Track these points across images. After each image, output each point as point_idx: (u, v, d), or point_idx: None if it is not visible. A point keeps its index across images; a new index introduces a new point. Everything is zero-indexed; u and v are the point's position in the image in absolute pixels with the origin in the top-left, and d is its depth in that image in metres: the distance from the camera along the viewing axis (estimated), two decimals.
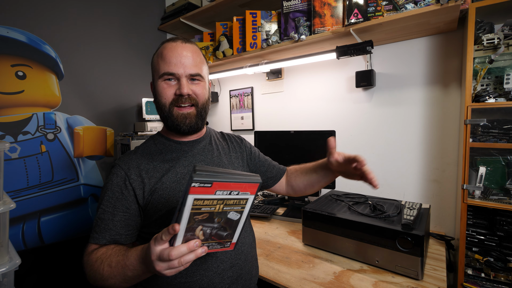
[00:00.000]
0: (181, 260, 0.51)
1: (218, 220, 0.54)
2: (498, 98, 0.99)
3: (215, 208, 0.52)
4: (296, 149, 1.55)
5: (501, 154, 1.01)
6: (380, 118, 1.45)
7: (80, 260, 0.73)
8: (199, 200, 0.49)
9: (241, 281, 0.80)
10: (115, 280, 0.63)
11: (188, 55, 0.75)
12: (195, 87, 0.77)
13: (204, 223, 0.53)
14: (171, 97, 0.75)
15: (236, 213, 0.55)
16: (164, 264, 0.51)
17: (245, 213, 0.56)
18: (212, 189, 0.49)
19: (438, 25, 1.18)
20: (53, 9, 1.52)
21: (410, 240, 0.90)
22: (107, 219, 0.71)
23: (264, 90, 1.92)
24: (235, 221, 0.56)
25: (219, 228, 0.55)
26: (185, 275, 0.72)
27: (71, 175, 1.59)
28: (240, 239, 0.79)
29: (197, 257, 0.53)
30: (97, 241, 0.70)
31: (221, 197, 0.51)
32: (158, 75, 0.75)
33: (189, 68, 0.74)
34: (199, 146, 0.85)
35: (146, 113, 1.82)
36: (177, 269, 0.52)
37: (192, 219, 0.51)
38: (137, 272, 0.60)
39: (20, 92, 1.41)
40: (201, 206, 0.50)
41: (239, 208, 0.55)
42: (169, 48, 0.75)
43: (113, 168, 0.77)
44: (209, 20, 1.88)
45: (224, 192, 0.50)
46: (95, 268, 0.65)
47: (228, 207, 0.53)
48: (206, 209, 0.51)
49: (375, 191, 1.49)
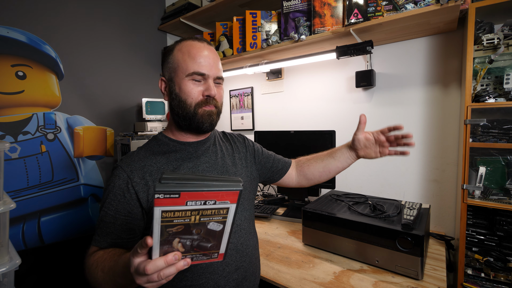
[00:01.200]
0: (160, 274, 0.47)
1: (197, 232, 0.49)
2: (498, 98, 0.99)
3: (189, 219, 0.47)
4: (296, 149, 1.55)
5: (501, 154, 1.02)
6: (380, 118, 1.45)
7: (80, 260, 0.73)
8: (168, 212, 0.44)
9: (246, 283, 0.80)
10: (107, 285, 0.62)
11: (215, 57, 0.77)
12: (218, 90, 0.78)
13: (181, 235, 0.48)
14: (198, 98, 0.75)
15: (218, 224, 0.50)
16: (143, 278, 0.48)
17: (228, 222, 0.50)
18: (182, 200, 0.44)
19: (438, 25, 1.18)
20: (53, 9, 1.52)
21: (410, 240, 0.90)
22: (109, 222, 0.70)
23: (264, 90, 1.92)
24: (217, 232, 0.50)
25: (200, 239, 0.50)
26: (190, 278, 0.71)
27: (71, 175, 1.59)
28: (240, 243, 0.79)
29: (179, 270, 0.49)
30: (98, 244, 0.70)
31: (195, 207, 0.45)
32: (185, 73, 0.74)
33: (216, 70, 0.76)
34: (203, 148, 0.84)
35: (146, 113, 1.82)
36: (158, 282, 0.49)
37: (165, 231, 0.46)
38: (126, 280, 0.57)
39: (20, 92, 1.41)
40: (172, 218, 0.45)
41: (220, 218, 0.49)
42: (197, 47, 0.75)
43: (115, 169, 0.75)
44: (209, 20, 1.88)
45: (197, 202, 0.45)
46: (91, 271, 0.65)
47: (205, 217, 0.48)
48: (179, 221, 0.46)
49: (375, 191, 1.49)
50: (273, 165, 0.99)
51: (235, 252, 0.77)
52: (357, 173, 1.54)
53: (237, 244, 0.78)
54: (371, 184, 1.50)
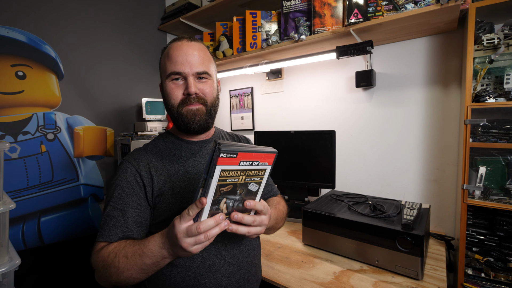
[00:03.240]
0: (208, 234, 0.51)
1: (240, 192, 0.56)
2: (498, 98, 0.99)
3: (238, 179, 0.53)
4: (296, 149, 1.55)
5: (501, 154, 1.01)
6: (380, 118, 1.45)
7: (80, 260, 0.73)
8: (225, 171, 0.50)
9: (248, 284, 0.80)
10: (131, 271, 0.61)
11: (195, 53, 0.74)
12: (202, 86, 0.76)
13: (228, 195, 0.54)
14: (179, 97, 0.75)
15: (255, 184, 0.57)
16: (191, 240, 0.51)
17: (262, 184, 0.58)
18: (237, 160, 0.50)
19: (438, 25, 1.18)
20: (53, 9, 1.52)
21: (410, 240, 0.90)
22: (117, 215, 0.70)
23: (264, 90, 1.92)
24: (254, 192, 0.58)
25: (240, 200, 0.57)
26: (193, 278, 0.71)
27: (71, 175, 1.59)
28: (243, 244, 0.79)
29: (221, 231, 0.53)
30: (107, 238, 0.68)
31: (244, 167, 0.52)
32: (165, 76, 0.75)
33: (195, 66, 0.74)
34: (208, 147, 0.84)
35: (146, 113, 1.82)
36: (204, 244, 0.53)
37: (218, 191, 0.52)
38: (156, 258, 0.59)
39: (20, 92, 1.41)
40: (227, 177, 0.51)
41: (258, 179, 0.57)
42: (174, 47, 0.74)
43: (122, 164, 0.76)
44: (209, 20, 1.88)
45: (247, 163, 0.52)
46: (108, 262, 0.63)
47: (249, 178, 0.55)
48: (231, 181, 0.52)
49: (375, 191, 1.49)
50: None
51: (237, 252, 0.77)
52: (357, 173, 1.54)
53: (240, 244, 0.78)
54: (371, 184, 1.50)
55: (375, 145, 1.48)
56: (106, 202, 0.73)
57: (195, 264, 0.72)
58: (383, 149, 1.46)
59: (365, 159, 1.51)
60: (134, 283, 0.65)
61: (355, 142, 1.54)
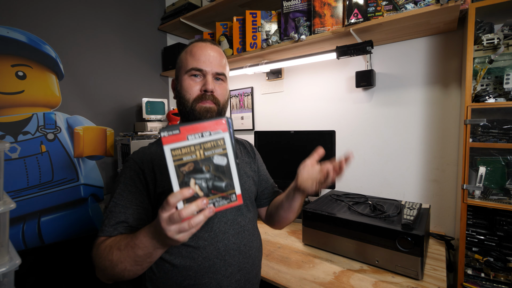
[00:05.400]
0: (191, 222, 0.50)
1: (207, 169, 0.54)
2: (498, 98, 0.99)
3: (195, 155, 0.52)
4: (296, 149, 1.55)
5: (501, 154, 1.01)
6: (380, 118, 1.45)
7: (80, 260, 0.73)
8: (175, 149, 0.50)
9: (249, 285, 0.80)
10: (125, 263, 0.61)
11: (216, 55, 0.79)
12: (217, 87, 0.79)
13: (194, 174, 0.53)
14: (196, 93, 0.77)
15: (222, 157, 0.54)
16: (175, 227, 0.51)
17: (230, 155, 0.54)
18: (183, 135, 0.51)
19: (438, 25, 1.18)
20: (53, 9, 1.52)
21: (410, 240, 0.90)
22: (119, 212, 0.70)
23: (264, 90, 1.92)
24: (225, 166, 0.54)
25: (213, 178, 0.54)
26: (193, 278, 0.71)
27: (71, 175, 1.59)
28: (243, 245, 0.78)
29: (206, 219, 0.52)
30: (107, 233, 0.69)
31: (196, 141, 0.52)
32: (185, 70, 0.77)
33: (216, 66, 0.78)
34: None
35: (146, 113, 1.82)
36: (189, 231, 0.52)
37: (180, 172, 0.51)
38: (148, 249, 0.59)
39: (20, 92, 1.41)
40: (181, 155, 0.51)
41: (221, 150, 0.54)
42: (199, 46, 0.78)
43: (126, 162, 0.78)
44: (209, 20, 1.88)
45: (196, 135, 0.51)
46: (104, 256, 0.64)
47: (208, 151, 0.53)
48: (188, 158, 0.52)
49: (375, 191, 1.49)
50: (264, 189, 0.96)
51: (238, 253, 0.77)
52: (357, 173, 1.54)
53: (240, 245, 0.78)
54: (371, 184, 1.50)
55: (375, 145, 1.48)
56: (111, 198, 0.74)
57: (195, 264, 0.72)
58: (383, 149, 1.46)
59: (365, 159, 1.51)
60: (130, 277, 0.65)
61: (355, 142, 1.54)
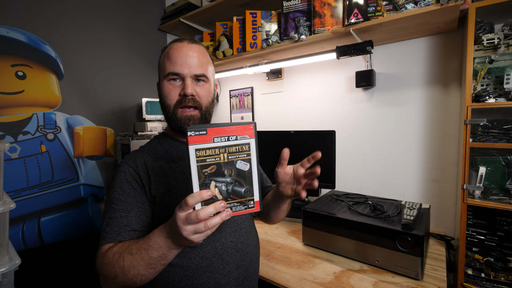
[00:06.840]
0: (207, 223, 0.50)
1: (229, 173, 0.53)
2: (498, 98, 0.99)
3: (219, 158, 0.52)
4: (296, 149, 1.55)
5: (501, 154, 1.01)
6: (380, 118, 1.45)
7: (80, 260, 0.73)
8: (200, 150, 0.50)
9: (247, 282, 0.80)
10: (138, 268, 0.59)
11: (194, 55, 0.75)
12: (199, 89, 0.76)
13: (215, 177, 0.52)
14: (175, 98, 0.75)
15: (245, 163, 0.54)
16: (191, 227, 0.50)
17: (253, 161, 0.55)
18: (209, 136, 0.50)
19: (438, 25, 1.18)
20: (53, 9, 1.52)
21: (410, 240, 0.90)
22: (120, 216, 0.69)
23: (264, 90, 1.92)
24: (247, 172, 0.54)
25: (233, 183, 0.54)
26: (191, 278, 0.71)
27: (71, 175, 1.59)
28: (240, 242, 0.79)
29: (222, 221, 0.51)
30: (111, 240, 0.66)
31: (221, 144, 0.51)
32: (163, 75, 0.76)
33: (194, 68, 0.74)
34: None
35: (146, 113, 1.82)
36: (205, 233, 0.51)
37: (201, 173, 0.50)
38: (163, 250, 0.57)
39: (20, 92, 1.41)
40: (205, 157, 0.50)
41: (245, 155, 0.54)
42: (175, 48, 0.75)
43: (120, 166, 0.76)
44: (209, 20, 1.88)
45: (222, 138, 0.51)
46: (113, 263, 0.61)
47: (232, 155, 0.53)
48: (211, 160, 0.51)
49: (375, 191, 1.49)
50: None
51: (235, 251, 0.77)
52: (357, 173, 1.54)
53: (237, 243, 0.78)
54: (371, 184, 1.50)
55: (375, 145, 1.48)
56: (107, 205, 0.72)
57: (193, 264, 0.71)
58: (383, 149, 1.46)
59: (365, 159, 1.51)
60: (142, 283, 0.63)
61: (355, 142, 1.54)
